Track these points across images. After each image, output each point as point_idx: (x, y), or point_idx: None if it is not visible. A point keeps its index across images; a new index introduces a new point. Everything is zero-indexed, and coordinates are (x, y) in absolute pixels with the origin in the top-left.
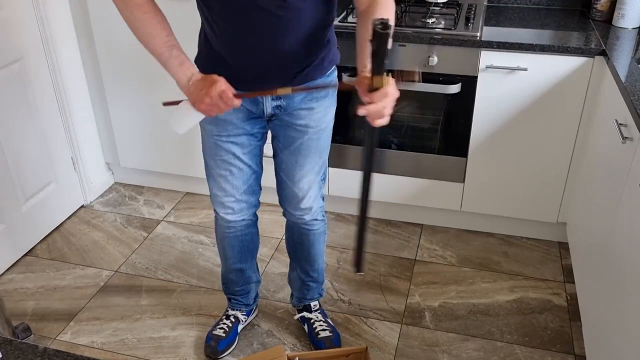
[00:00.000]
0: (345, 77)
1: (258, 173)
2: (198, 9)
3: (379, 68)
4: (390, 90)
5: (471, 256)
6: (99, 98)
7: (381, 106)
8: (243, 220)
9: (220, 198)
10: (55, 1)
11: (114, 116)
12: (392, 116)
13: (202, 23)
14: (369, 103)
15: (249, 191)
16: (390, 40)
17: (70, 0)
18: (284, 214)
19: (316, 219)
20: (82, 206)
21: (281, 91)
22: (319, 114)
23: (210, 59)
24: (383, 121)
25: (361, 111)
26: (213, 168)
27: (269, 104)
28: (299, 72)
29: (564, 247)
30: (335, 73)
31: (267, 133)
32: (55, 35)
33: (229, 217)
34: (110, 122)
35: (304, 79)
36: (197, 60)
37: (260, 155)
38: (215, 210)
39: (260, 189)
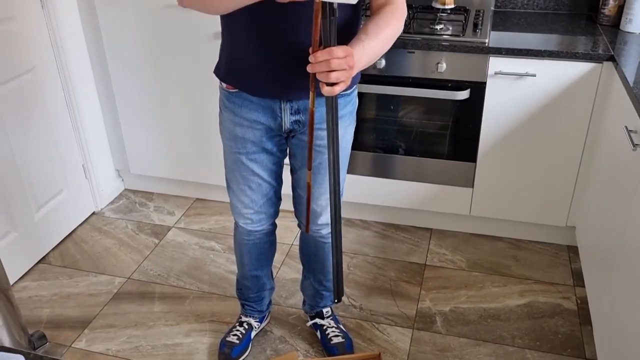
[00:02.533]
0: None
1: (277, 187)
2: None
3: (325, 31)
4: (334, 49)
5: (481, 260)
6: (109, 106)
7: (325, 63)
8: (262, 229)
9: (240, 209)
10: (65, 12)
11: (124, 123)
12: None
13: (225, 25)
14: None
15: (268, 204)
16: (336, 10)
17: (80, 10)
18: (299, 226)
19: (331, 232)
20: (93, 213)
21: None
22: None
23: (233, 62)
24: (330, 89)
25: (308, 67)
26: (233, 182)
27: (287, 119)
28: None
29: (573, 250)
30: (356, 92)
31: (285, 150)
32: (66, 45)
33: (248, 227)
34: (120, 130)
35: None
36: (219, 68)
37: (279, 170)
38: (235, 219)
39: (280, 199)
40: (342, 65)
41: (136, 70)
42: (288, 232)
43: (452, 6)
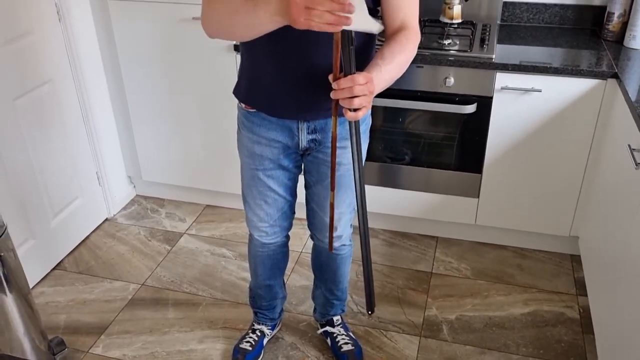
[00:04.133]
0: None
1: (292, 201)
2: None
3: (345, 59)
4: (356, 76)
5: (486, 269)
6: (122, 115)
7: (347, 90)
8: (276, 241)
9: (255, 223)
10: (82, 25)
11: (137, 132)
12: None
13: (245, 49)
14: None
15: (283, 217)
16: (354, 39)
17: (96, 23)
18: (312, 238)
19: (344, 245)
20: (106, 219)
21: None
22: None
23: (253, 84)
24: (354, 114)
25: (332, 94)
26: (249, 196)
27: (304, 138)
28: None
29: (575, 259)
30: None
31: (301, 166)
32: (82, 57)
33: (263, 240)
34: (133, 138)
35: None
36: (238, 89)
37: (294, 185)
38: (250, 231)
39: (294, 213)
40: (364, 91)
41: (150, 80)
42: (297, 239)
43: (460, 20)
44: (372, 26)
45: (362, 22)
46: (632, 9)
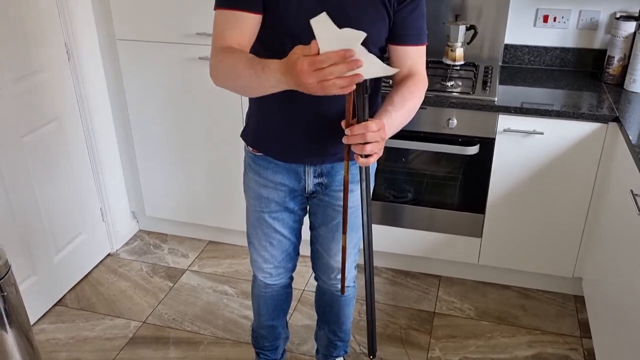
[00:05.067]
0: None
1: (296, 243)
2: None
3: (359, 106)
4: (369, 123)
5: (489, 309)
6: (127, 152)
7: (360, 136)
8: (280, 282)
9: (260, 264)
10: (90, 64)
11: (142, 168)
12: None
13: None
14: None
15: (287, 259)
16: (368, 88)
17: (104, 62)
18: (316, 279)
19: (349, 286)
20: (109, 254)
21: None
22: (359, 195)
23: (261, 129)
24: (365, 160)
25: (344, 139)
26: (254, 237)
27: (310, 181)
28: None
29: (579, 300)
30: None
31: (306, 208)
32: (90, 95)
33: (267, 281)
34: (138, 174)
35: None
36: (246, 133)
37: (299, 227)
38: (254, 272)
39: (298, 254)
40: (376, 138)
41: (156, 118)
42: (300, 277)
43: (462, 62)
44: (386, 70)
45: (374, 69)
46: (632, 54)
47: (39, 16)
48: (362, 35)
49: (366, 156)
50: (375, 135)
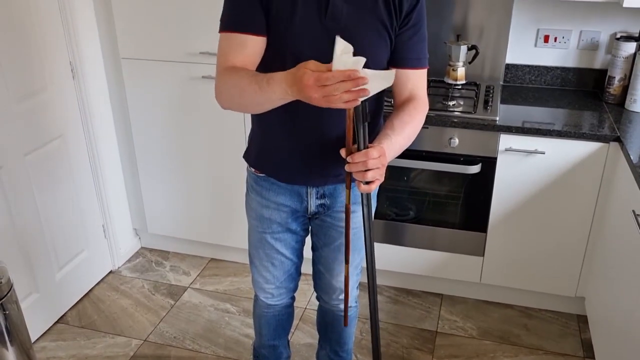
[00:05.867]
0: None
1: (298, 263)
2: None
3: (359, 134)
4: (370, 150)
5: (491, 328)
6: (130, 169)
7: (361, 164)
8: (281, 303)
9: (262, 284)
10: (95, 82)
11: (144, 186)
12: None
13: (256, 116)
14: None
15: (289, 279)
16: (368, 115)
17: (108, 80)
18: (318, 299)
19: (351, 306)
20: (111, 272)
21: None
22: (360, 216)
23: (263, 150)
24: (367, 187)
25: (346, 167)
26: (256, 258)
27: (313, 202)
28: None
29: (582, 320)
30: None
31: (308, 229)
32: (94, 113)
33: (269, 301)
34: (140, 191)
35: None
36: (248, 154)
37: (300, 248)
38: (255, 293)
39: (300, 275)
40: (377, 165)
41: (159, 136)
42: (301, 295)
43: (464, 82)
44: (387, 81)
45: (377, 84)
46: (632, 74)
47: (44, 34)
48: (362, 60)
49: (368, 183)
50: (377, 162)
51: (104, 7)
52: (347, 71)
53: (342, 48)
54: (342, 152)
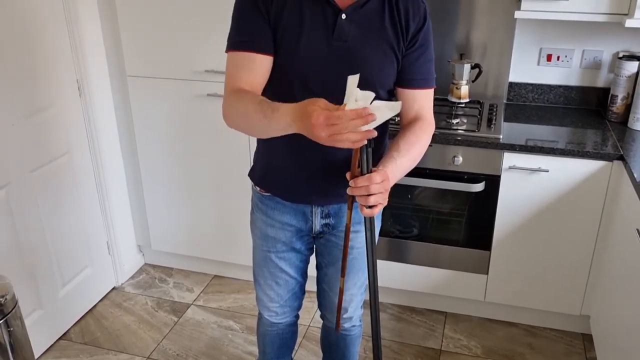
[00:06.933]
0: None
1: (302, 282)
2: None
3: (363, 158)
4: (373, 175)
5: (496, 347)
6: (135, 186)
7: (364, 188)
8: (285, 321)
9: (266, 303)
10: (101, 100)
11: (148, 203)
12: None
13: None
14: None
15: (293, 298)
16: (372, 141)
17: (114, 97)
18: (322, 317)
19: (354, 325)
20: (114, 288)
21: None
22: (364, 236)
23: (269, 169)
24: (369, 211)
25: (348, 190)
26: (260, 276)
27: (318, 222)
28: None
29: (587, 338)
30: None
31: (312, 248)
32: (100, 130)
33: (273, 320)
34: (145, 208)
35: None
36: (253, 173)
37: (305, 267)
38: (259, 311)
39: (304, 293)
40: (380, 190)
41: (164, 154)
42: (305, 313)
43: (467, 100)
44: (393, 108)
45: (382, 114)
46: (635, 93)
47: (51, 52)
48: (371, 95)
49: (370, 207)
50: (379, 186)
51: (110, 25)
52: (360, 109)
53: (354, 86)
54: (347, 176)
